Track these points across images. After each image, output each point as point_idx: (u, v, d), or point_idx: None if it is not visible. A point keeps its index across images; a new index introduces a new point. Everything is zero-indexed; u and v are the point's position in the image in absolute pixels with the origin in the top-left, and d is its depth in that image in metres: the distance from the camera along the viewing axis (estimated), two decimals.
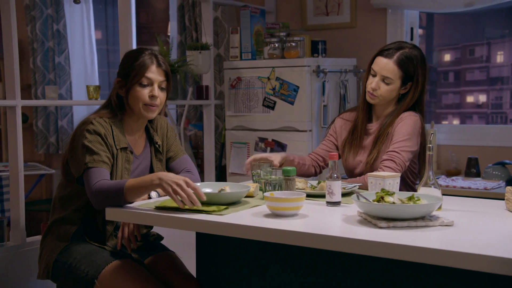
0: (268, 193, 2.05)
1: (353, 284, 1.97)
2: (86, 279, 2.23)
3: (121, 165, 2.32)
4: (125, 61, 2.40)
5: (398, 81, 2.60)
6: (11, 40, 2.86)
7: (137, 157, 2.42)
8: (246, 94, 3.89)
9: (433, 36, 4.47)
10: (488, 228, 1.84)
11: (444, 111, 4.43)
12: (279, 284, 2.13)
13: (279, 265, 2.13)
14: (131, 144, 2.41)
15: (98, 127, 2.27)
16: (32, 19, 5.32)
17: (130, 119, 2.40)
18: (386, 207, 1.82)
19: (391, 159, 2.51)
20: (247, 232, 1.87)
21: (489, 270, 1.51)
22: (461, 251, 1.54)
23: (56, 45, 5.29)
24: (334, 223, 1.93)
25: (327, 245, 1.75)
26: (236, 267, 2.26)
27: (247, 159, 2.57)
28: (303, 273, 2.07)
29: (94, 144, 2.24)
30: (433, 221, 1.83)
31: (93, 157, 2.23)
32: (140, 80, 2.33)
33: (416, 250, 1.61)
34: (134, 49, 2.44)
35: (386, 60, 2.60)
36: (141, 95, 2.33)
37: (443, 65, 4.34)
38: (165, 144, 2.52)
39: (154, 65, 2.35)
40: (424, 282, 1.84)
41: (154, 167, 2.47)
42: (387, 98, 2.63)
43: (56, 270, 2.31)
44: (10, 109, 2.86)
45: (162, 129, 2.53)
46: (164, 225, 2.05)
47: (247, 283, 2.23)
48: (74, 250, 2.30)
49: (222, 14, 4.47)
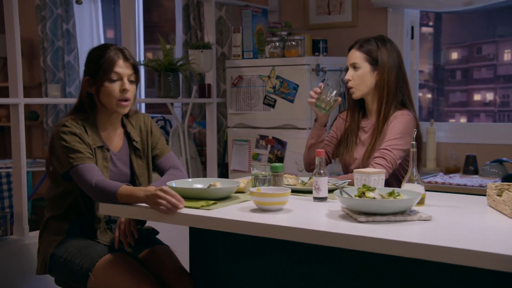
0: (255, 188, 2.11)
1: (344, 278, 2.02)
2: (81, 272, 2.30)
3: (100, 164, 2.36)
4: (91, 59, 2.41)
5: (365, 64, 2.69)
6: (13, 40, 2.95)
7: (115, 154, 2.47)
8: (247, 93, 3.95)
9: (441, 34, 4.49)
10: (465, 222, 1.88)
11: (451, 109, 4.44)
12: (272, 277, 2.19)
13: (271, 259, 2.18)
14: (107, 141, 2.45)
15: (72, 128, 2.32)
16: (43, 19, 5.42)
17: (103, 115, 2.44)
18: (366, 202, 1.87)
19: (382, 157, 2.56)
20: (232, 226, 1.93)
21: (461, 263, 1.55)
22: (435, 245, 1.59)
23: (65, 44, 5.39)
24: (317, 217, 1.98)
25: (307, 238, 1.80)
26: (229, 261, 2.31)
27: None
28: (295, 266, 2.12)
29: (73, 144, 2.29)
30: (412, 216, 1.88)
31: (76, 155, 2.28)
32: (109, 76, 2.35)
33: (393, 243, 1.65)
34: (98, 46, 2.46)
35: (351, 51, 2.75)
36: (112, 91, 2.36)
37: (451, 63, 4.36)
38: (149, 141, 2.55)
39: (121, 59, 2.38)
40: (408, 276, 1.89)
41: (133, 164, 2.50)
42: (362, 85, 2.70)
43: (52, 263, 2.37)
44: (13, 107, 2.95)
45: (145, 125, 2.56)
46: (154, 219, 2.12)
47: (239, 277, 2.28)
48: (69, 244, 2.36)
49: (226, 13, 4.53)
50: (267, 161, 3.89)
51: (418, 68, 4.22)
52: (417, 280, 1.86)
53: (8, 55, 2.97)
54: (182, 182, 2.33)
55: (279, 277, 2.17)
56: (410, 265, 1.82)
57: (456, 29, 4.43)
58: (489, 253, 1.51)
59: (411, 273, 1.86)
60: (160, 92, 3.77)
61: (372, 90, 2.72)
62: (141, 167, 2.52)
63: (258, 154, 3.94)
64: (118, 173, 2.45)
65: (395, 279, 1.90)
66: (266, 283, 2.19)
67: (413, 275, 1.87)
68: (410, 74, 4.16)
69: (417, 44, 4.15)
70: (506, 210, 1.91)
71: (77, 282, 2.34)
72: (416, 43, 4.14)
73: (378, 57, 2.68)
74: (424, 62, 4.43)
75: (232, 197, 2.26)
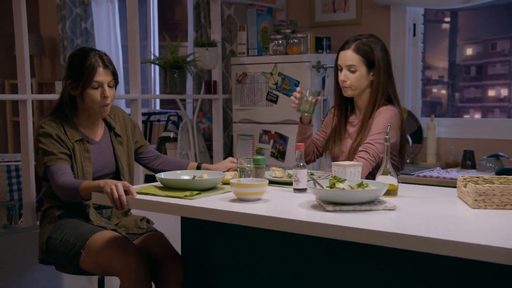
0: (235, 179, 2.23)
1: (331, 267, 2.12)
2: (74, 250, 2.45)
3: (79, 156, 2.56)
4: (72, 64, 2.59)
5: (362, 67, 2.75)
6: (21, 38, 3.12)
7: (98, 143, 2.66)
8: (251, 89, 4.08)
9: (457, 30, 4.53)
10: (428, 212, 1.97)
11: (465, 105, 4.48)
12: (259, 266, 2.31)
13: (261, 247, 2.30)
14: (88, 133, 2.64)
15: (48, 129, 2.53)
16: (63, 18, 5.62)
17: (83, 114, 2.63)
18: (334, 193, 1.98)
19: (365, 150, 2.66)
20: (209, 214, 2.06)
21: (417, 249, 1.65)
22: (393, 232, 1.69)
23: (84, 42, 5.58)
24: (290, 207, 2.09)
25: (276, 226, 1.92)
26: (219, 248, 2.43)
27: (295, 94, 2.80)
28: (281, 254, 2.24)
29: (48, 145, 2.51)
30: (377, 206, 1.98)
31: (50, 157, 2.50)
32: (91, 84, 2.54)
33: (354, 231, 1.75)
34: (79, 52, 2.62)
35: (345, 51, 2.78)
36: (94, 97, 2.56)
37: (465, 59, 4.39)
38: (130, 133, 2.77)
39: (101, 67, 2.56)
40: (379, 264, 2.00)
41: (116, 150, 2.70)
42: (358, 86, 2.77)
43: (49, 247, 2.54)
44: (21, 102, 3.13)
45: (124, 118, 2.78)
46: (141, 208, 2.26)
47: (229, 264, 2.41)
48: (64, 226, 2.53)
49: (235, 12, 4.65)
50: (270, 155, 4.01)
51: (421, 64, 4.28)
52: (394, 270, 1.97)
53: (17, 53, 3.14)
54: (171, 173, 2.47)
55: (267, 265, 2.29)
56: (380, 252, 1.93)
57: (472, 25, 4.45)
58: (445, 240, 1.60)
59: (384, 260, 1.97)
60: (166, 89, 3.92)
61: (365, 90, 2.80)
62: (122, 153, 2.71)
63: (261, 149, 4.07)
64: (103, 161, 2.63)
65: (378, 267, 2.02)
66: (260, 273, 2.32)
67: (384, 264, 1.97)
68: (413, 71, 4.23)
69: (419, 41, 4.21)
70: (469, 201, 2.01)
71: (70, 261, 2.48)
72: (418, 40, 4.20)
73: (375, 60, 2.74)
74: (439, 58, 4.48)
75: (218, 188, 2.39)
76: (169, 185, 2.33)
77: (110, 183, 2.28)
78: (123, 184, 2.28)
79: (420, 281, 1.90)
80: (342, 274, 2.07)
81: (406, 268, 1.93)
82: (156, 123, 5.32)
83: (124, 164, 2.71)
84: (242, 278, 2.36)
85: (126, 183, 2.29)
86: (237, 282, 2.37)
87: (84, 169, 2.55)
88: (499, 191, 1.95)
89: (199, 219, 2.22)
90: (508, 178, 2.17)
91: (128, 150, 2.76)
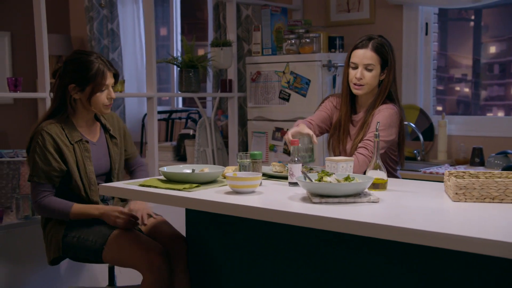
0: (231, 173, 2.35)
1: (327, 256, 2.22)
2: (95, 247, 2.61)
3: (80, 155, 2.68)
4: (76, 69, 2.65)
5: (378, 66, 2.83)
6: (41, 39, 3.28)
7: (95, 143, 2.78)
8: (264, 87, 4.19)
9: (481, 28, 4.56)
10: (410, 204, 2.06)
11: (488, 103, 4.50)
12: (257, 255, 2.43)
13: (256, 238, 2.41)
14: (86, 134, 2.76)
15: (46, 138, 2.62)
16: (91, 19, 5.81)
17: (81, 114, 2.74)
18: (321, 185, 2.09)
19: (364, 147, 2.75)
20: (203, 205, 2.18)
21: (394, 239, 1.74)
22: (373, 223, 1.78)
23: (110, 43, 5.76)
24: (281, 199, 2.19)
25: (265, 216, 2.02)
26: (220, 240, 2.56)
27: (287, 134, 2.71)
28: (277, 244, 2.35)
29: (42, 160, 2.62)
30: (362, 198, 2.08)
31: (37, 171, 2.63)
32: (100, 88, 2.67)
33: (336, 221, 1.85)
34: (78, 55, 2.69)
35: (363, 50, 2.83)
36: (102, 99, 2.68)
37: (489, 57, 4.41)
38: (121, 136, 2.89)
39: (107, 71, 2.69)
40: (365, 255, 2.10)
41: (110, 150, 2.82)
42: (372, 85, 2.84)
43: (65, 244, 2.68)
44: (40, 100, 3.31)
45: (118, 122, 2.91)
46: (142, 199, 2.40)
47: (231, 253, 2.53)
48: (79, 225, 2.68)
49: (252, 12, 4.77)
50: (282, 152, 4.12)
51: (434, 63, 4.33)
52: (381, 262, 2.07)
53: (37, 53, 3.30)
54: (174, 167, 2.61)
55: (265, 256, 2.40)
56: (366, 244, 2.03)
57: (496, 23, 4.46)
58: (418, 230, 1.68)
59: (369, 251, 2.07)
60: (182, 87, 4.07)
61: (374, 88, 2.87)
62: (117, 154, 2.84)
63: (274, 146, 4.19)
64: (98, 161, 2.76)
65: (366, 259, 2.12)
66: (257, 261, 2.44)
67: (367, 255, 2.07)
68: (425, 69, 4.29)
69: (431, 40, 4.27)
70: (451, 194, 2.09)
71: (92, 256, 2.64)
72: (430, 39, 4.26)
73: (389, 60, 2.83)
74: (463, 56, 4.51)
75: (217, 181, 2.51)
76: (170, 178, 2.46)
77: (108, 214, 2.62)
78: (117, 210, 2.59)
79: (410, 270, 1.98)
80: (336, 262, 2.17)
81: (396, 258, 2.01)
82: (178, 120, 5.48)
83: (117, 165, 2.84)
84: (241, 267, 2.48)
85: (119, 209, 2.59)
86: (237, 272, 2.49)
87: (86, 168, 2.68)
88: (479, 185, 2.03)
89: (202, 211, 2.34)
90: (494, 174, 2.24)
91: (121, 152, 2.89)
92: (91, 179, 2.68)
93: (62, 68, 2.69)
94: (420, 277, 1.94)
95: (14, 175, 4.05)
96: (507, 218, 1.82)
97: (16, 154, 4.11)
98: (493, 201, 2.03)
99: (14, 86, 3.23)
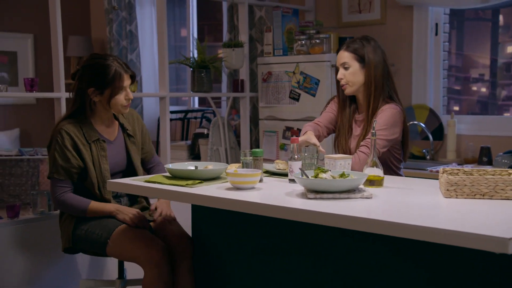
0: (232, 170, 2.44)
1: (328, 249, 2.31)
2: (100, 240, 2.72)
3: (96, 154, 2.78)
4: (95, 73, 2.73)
5: (354, 63, 2.90)
6: (56, 40, 3.41)
7: (112, 142, 2.88)
8: (275, 87, 4.28)
9: (498, 28, 4.58)
10: (403, 200, 2.12)
11: (505, 103, 4.52)
12: (260, 249, 2.52)
13: (266, 236, 2.50)
14: (104, 133, 2.86)
15: (65, 137, 2.73)
16: (110, 21, 5.95)
17: (100, 114, 2.84)
18: (315, 182, 2.16)
19: (366, 145, 2.81)
20: (204, 200, 2.27)
21: (384, 233, 1.80)
22: (364, 217, 1.84)
23: (128, 44, 5.89)
24: (278, 195, 2.26)
25: (261, 211, 2.10)
26: (224, 234, 2.65)
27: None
28: (277, 238, 2.44)
29: (61, 156, 2.73)
30: (356, 194, 2.15)
31: (57, 168, 2.74)
32: (119, 91, 2.76)
33: (328, 216, 1.92)
34: (95, 59, 2.78)
35: (340, 52, 2.96)
36: (120, 100, 2.78)
37: (506, 57, 4.43)
38: (139, 134, 2.98)
39: (124, 73, 2.78)
40: (358, 248, 2.17)
41: (129, 149, 2.92)
42: (354, 82, 2.91)
43: (75, 236, 2.80)
44: (56, 100, 3.43)
45: (138, 120, 3.00)
46: (147, 194, 2.51)
47: (236, 248, 2.63)
48: (87, 218, 2.79)
49: (266, 13, 4.86)
50: None
51: (445, 63, 4.36)
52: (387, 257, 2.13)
53: (53, 54, 3.43)
54: (179, 164, 2.70)
55: (266, 251, 2.49)
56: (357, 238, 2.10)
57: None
58: (405, 224, 1.74)
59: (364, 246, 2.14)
60: (194, 87, 4.17)
61: (361, 86, 2.94)
62: (135, 152, 2.94)
63: (284, 145, 4.26)
64: (116, 159, 2.86)
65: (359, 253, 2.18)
66: (259, 255, 2.53)
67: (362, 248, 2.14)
68: (435, 69, 4.33)
69: (441, 41, 4.30)
70: (443, 190, 2.15)
71: (97, 249, 2.76)
72: (440, 39, 4.30)
73: (365, 55, 2.90)
74: (481, 56, 4.53)
75: (221, 178, 2.59)
76: (175, 175, 2.55)
77: (123, 212, 2.75)
78: (129, 211, 2.70)
79: (404, 263, 2.05)
80: (336, 255, 2.25)
81: (394, 252, 2.09)
82: (193, 120, 5.58)
83: (137, 162, 2.94)
84: (244, 262, 2.56)
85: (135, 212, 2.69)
86: (241, 266, 2.58)
87: (101, 167, 2.78)
88: (469, 182, 2.08)
89: (207, 209, 2.43)
90: (487, 171, 2.29)
91: (139, 150, 2.98)
92: (106, 177, 2.78)
93: (80, 72, 2.78)
94: (415, 270, 2.00)
95: (34, 173, 4.20)
96: (495, 214, 1.88)
97: (36, 152, 4.26)
98: (483, 198, 2.08)
99: (30, 86, 3.36)
